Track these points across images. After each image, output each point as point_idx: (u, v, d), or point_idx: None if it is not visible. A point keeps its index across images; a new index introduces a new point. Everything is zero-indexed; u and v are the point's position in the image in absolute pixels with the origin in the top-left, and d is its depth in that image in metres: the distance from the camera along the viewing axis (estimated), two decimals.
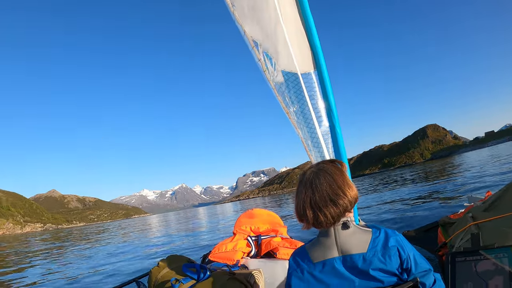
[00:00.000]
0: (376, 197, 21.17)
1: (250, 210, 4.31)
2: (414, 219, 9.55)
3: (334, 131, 3.66)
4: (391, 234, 1.77)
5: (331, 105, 3.67)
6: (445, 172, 31.17)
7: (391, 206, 14.10)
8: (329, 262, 1.77)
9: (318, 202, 1.74)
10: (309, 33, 3.85)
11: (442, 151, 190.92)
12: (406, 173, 50.01)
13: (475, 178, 18.12)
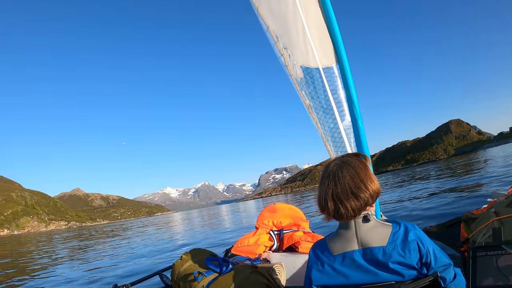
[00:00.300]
0: (400, 192, 21.02)
1: (273, 205, 4.33)
2: (437, 215, 9.47)
3: (356, 126, 3.64)
4: (411, 229, 1.78)
5: (353, 99, 3.65)
6: (469, 168, 30.71)
7: (414, 201, 13.97)
8: (348, 255, 1.79)
9: (340, 195, 1.76)
10: (330, 26, 3.84)
11: (466, 146, 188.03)
12: (430, 169, 49.47)
13: (500, 174, 17.84)
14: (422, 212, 10.67)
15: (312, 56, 3.74)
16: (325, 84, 3.69)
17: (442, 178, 25.12)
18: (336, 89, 3.74)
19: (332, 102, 3.67)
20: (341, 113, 3.71)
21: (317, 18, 3.85)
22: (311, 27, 3.79)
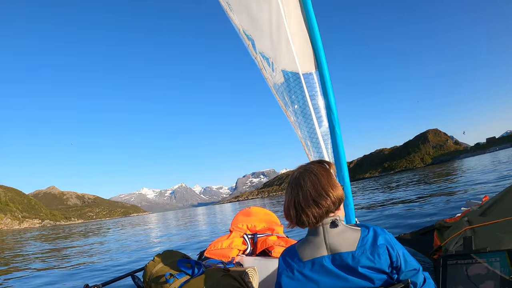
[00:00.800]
0: (376, 198, 21.25)
1: (247, 209, 4.35)
2: (412, 222, 9.62)
3: (333, 132, 3.68)
4: (380, 233, 1.80)
5: (332, 105, 3.70)
6: (445, 176, 31.25)
7: (390, 208, 14.15)
8: (318, 261, 1.80)
9: (301, 202, 1.79)
10: (311, 33, 3.88)
11: (443, 156, 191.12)
12: (406, 177, 50.13)
13: (475, 183, 18.22)
14: (395, 220, 10.82)
15: (293, 61, 3.75)
16: (305, 90, 3.72)
17: (417, 186, 25.52)
18: (315, 95, 3.77)
19: (311, 108, 3.69)
20: (319, 119, 3.74)
21: (298, 23, 3.88)
22: (293, 32, 3.81)
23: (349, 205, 3.74)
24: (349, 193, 3.72)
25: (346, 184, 3.70)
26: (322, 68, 3.81)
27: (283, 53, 3.76)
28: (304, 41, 3.90)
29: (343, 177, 3.69)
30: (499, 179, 17.54)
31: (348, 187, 3.70)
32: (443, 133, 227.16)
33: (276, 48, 3.76)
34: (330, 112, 3.69)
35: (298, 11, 3.89)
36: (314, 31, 3.87)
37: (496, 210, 3.25)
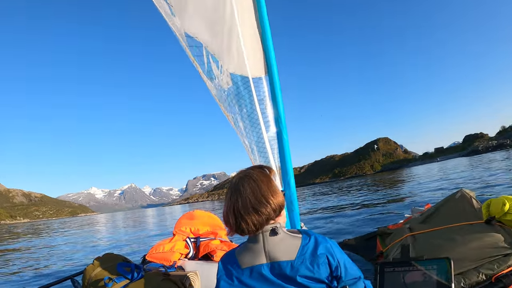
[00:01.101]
0: (325, 204, 21.55)
1: (191, 212, 4.30)
2: (358, 227, 9.80)
3: (281, 137, 3.71)
4: (321, 241, 1.76)
5: (280, 111, 3.72)
6: (392, 184, 32.19)
7: (338, 213, 14.39)
8: (256, 269, 1.75)
9: (241, 209, 1.72)
10: (263, 37, 3.90)
11: (392, 163, 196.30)
12: (356, 183, 51.15)
13: (421, 191, 18.85)
14: (342, 225, 10.99)
15: (243, 64, 3.74)
16: (253, 94, 3.71)
17: (366, 192, 26.10)
18: (264, 99, 3.77)
19: (259, 113, 3.69)
20: (267, 123, 3.74)
21: (251, 26, 3.89)
22: (245, 35, 3.81)
23: (294, 210, 3.77)
24: (295, 199, 3.74)
25: (291, 189, 3.72)
26: (272, 73, 3.83)
27: (233, 56, 3.74)
28: (256, 45, 3.90)
29: (288, 182, 3.72)
30: (444, 187, 18.23)
31: (293, 193, 3.72)
32: (393, 142, 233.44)
33: (226, 51, 3.72)
34: (278, 117, 3.71)
35: (252, 14, 3.90)
36: (266, 36, 3.89)
37: (437, 218, 3.38)
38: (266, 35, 3.90)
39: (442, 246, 2.75)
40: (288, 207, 3.76)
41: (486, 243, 2.65)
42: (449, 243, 2.76)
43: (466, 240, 2.72)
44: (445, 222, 3.12)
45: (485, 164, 33.46)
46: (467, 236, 2.77)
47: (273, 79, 3.81)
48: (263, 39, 3.91)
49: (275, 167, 3.70)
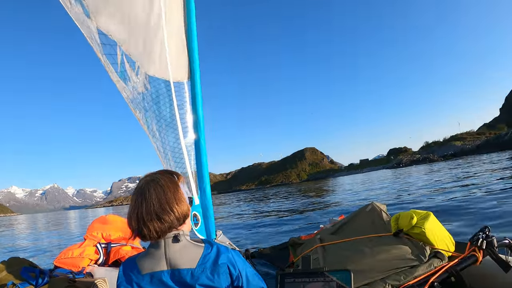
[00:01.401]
0: (247, 211, 21.66)
1: (105, 216, 4.18)
2: (278, 236, 9.90)
3: (198, 144, 3.71)
4: (223, 251, 1.77)
5: (199, 117, 3.73)
6: (317, 193, 32.97)
7: (258, 221, 14.50)
8: (157, 275, 1.74)
9: (144, 215, 1.70)
10: (190, 43, 3.89)
11: (319, 173, 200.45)
12: (282, 191, 51.86)
13: (344, 200, 19.43)
14: (262, 234, 11.07)
15: (165, 68, 3.69)
16: (173, 99, 3.68)
17: (291, 200, 26.49)
18: (184, 105, 3.76)
19: (177, 118, 3.66)
20: (185, 129, 3.73)
21: (178, 31, 3.87)
22: (171, 39, 3.78)
23: (210, 217, 3.78)
24: (210, 206, 3.75)
25: (207, 196, 3.73)
26: (195, 79, 3.83)
27: (155, 58, 3.68)
28: (180, 49, 3.89)
29: (204, 189, 3.72)
30: (364, 197, 18.93)
31: (209, 200, 3.73)
32: (320, 152, 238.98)
33: (148, 53, 3.65)
34: (197, 123, 3.72)
35: (181, 19, 3.88)
36: (193, 42, 3.89)
37: (347, 229, 3.50)
38: (193, 41, 3.90)
39: (350, 257, 2.86)
40: (203, 214, 3.77)
41: (393, 255, 2.79)
42: (358, 254, 2.88)
43: (374, 252, 2.85)
44: (354, 234, 3.24)
45: (406, 177, 35.14)
46: (375, 248, 2.89)
47: (195, 85, 3.82)
48: (189, 44, 3.91)
49: (191, 173, 3.69)
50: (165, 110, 3.67)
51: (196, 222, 3.74)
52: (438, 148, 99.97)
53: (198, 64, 3.89)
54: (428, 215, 3.03)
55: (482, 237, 2.63)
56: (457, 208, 9.81)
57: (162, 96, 3.68)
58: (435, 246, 2.86)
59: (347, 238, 3.24)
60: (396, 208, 12.12)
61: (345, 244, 3.15)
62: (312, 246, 3.35)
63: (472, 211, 9.00)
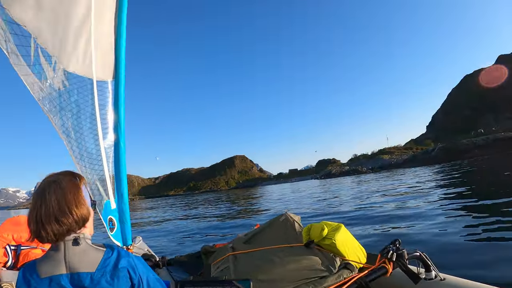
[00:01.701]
0: (172, 217, 21.43)
1: (17, 217, 3.98)
2: (198, 243, 9.85)
3: (118, 146, 3.62)
4: (124, 255, 1.77)
5: (121, 119, 3.64)
6: (245, 200, 33.16)
7: (185, 228, 14.38)
8: (55, 279, 1.69)
9: (43, 217, 1.67)
10: (118, 42, 3.79)
11: (248, 181, 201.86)
12: (210, 198, 51.81)
13: (268, 209, 19.67)
14: (186, 240, 11.00)
15: (88, 65, 3.56)
16: (95, 98, 3.56)
17: (217, 208, 26.48)
18: (105, 105, 3.63)
19: (98, 118, 3.53)
20: (105, 130, 3.61)
21: (108, 27, 3.76)
22: (99, 35, 3.66)
23: (126, 222, 3.70)
24: (127, 211, 3.67)
25: (124, 201, 3.65)
26: (120, 78, 3.74)
27: (78, 55, 3.50)
28: (108, 47, 3.77)
29: (122, 194, 3.63)
30: (287, 206, 19.23)
31: (126, 204, 3.65)
32: (249, 160, 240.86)
33: (71, 49, 3.46)
34: (118, 125, 3.62)
35: (112, 15, 3.77)
36: (121, 41, 3.80)
37: (260, 238, 3.55)
38: (121, 38, 3.80)
39: (260, 267, 2.88)
40: (119, 219, 3.69)
41: (303, 265, 2.84)
42: (268, 264, 2.90)
43: (284, 262, 2.89)
44: (267, 244, 3.29)
45: (333, 187, 36.14)
46: (285, 258, 2.94)
47: (119, 85, 3.72)
48: (117, 42, 3.80)
49: (108, 176, 3.59)
50: (84, 109, 3.50)
51: (112, 227, 3.65)
52: (366, 161, 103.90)
53: (124, 63, 3.79)
54: (339, 227, 3.14)
55: (393, 249, 2.72)
56: (372, 217, 10.23)
57: (83, 95, 3.51)
58: (346, 257, 2.96)
59: (259, 247, 3.28)
60: (319, 217, 12.45)
61: (256, 254, 3.19)
62: (224, 254, 3.37)
63: (385, 218, 9.40)
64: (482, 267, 4.73)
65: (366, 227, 9.03)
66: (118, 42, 3.79)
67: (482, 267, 4.75)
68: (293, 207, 18.26)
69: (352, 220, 10.58)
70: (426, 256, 2.83)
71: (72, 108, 3.45)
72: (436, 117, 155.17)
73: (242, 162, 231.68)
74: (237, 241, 3.67)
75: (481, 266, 4.80)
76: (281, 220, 3.67)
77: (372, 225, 9.15)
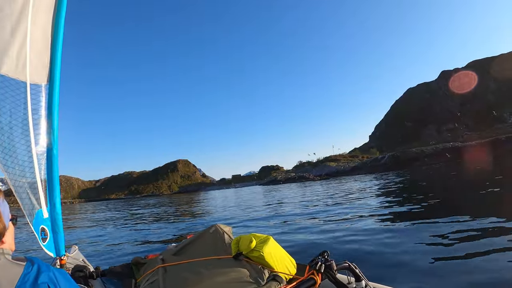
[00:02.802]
0: (110, 223, 20.99)
1: None
2: (134, 253, 9.69)
3: (51, 153, 3.54)
4: (44, 270, 1.70)
5: (54, 124, 3.55)
6: (188, 205, 32.86)
7: (118, 235, 14.11)
8: None
9: None
10: (55, 44, 3.70)
11: (190, 186, 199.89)
12: (152, 203, 51.11)
13: (209, 215, 19.58)
14: (119, 250, 10.76)
15: (22, 67, 3.45)
16: (28, 102, 3.45)
17: (157, 213, 26.07)
18: (39, 110, 3.54)
19: (30, 123, 3.44)
20: (37, 136, 3.52)
21: (44, 28, 3.66)
22: (35, 36, 3.55)
23: (59, 232, 3.62)
24: (59, 220, 3.60)
25: (57, 209, 3.57)
26: (54, 82, 3.65)
27: (12, 56, 3.39)
28: (43, 49, 3.67)
29: (54, 202, 3.55)
30: (233, 214, 19.17)
31: (58, 213, 3.57)
32: (192, 165, 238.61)
33: (3, 49, 3.36)
34: (51, 131, 3.53)
35: (49, 16, 3.67)
36: (58, 41, 3.71)
37: (190, 250, 3.55)
38: (58, 41, 3.72)
39: (189, 279, 2.89)
40: (52, 229, 3.61)
41: (231, 277, 2.88)
42: (196, 276, 2.92)
43: (212, 274, 2.91)
44: (196, 255, 3.31)
45: (277, 193, 36.45)
46: (214, 270, 2.97)
47: (54, 89, 3.64)
48: (53, 44, 3.71)
49: (40, 183, 3.49)
50: (16, 113, 3.38)
51: (45, 237, 3.56)
52: (312, 168, 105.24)
53: (60, 67, 3.70)
54: (267, 239, 3.20)
55: (321, 261, 2.79)
56: (313, 226, 10.41)
57: (14, 98, 3.39)
58: (274, 269, 3.02)
59: (188, 259, 3.29)
60: (262, 224, 12.52)
61: (185, 266, 3.20)
62: (153, 266, 3.35)
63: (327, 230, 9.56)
64: (414, 275, 4.94)
65: (309, 236, 9.15)
66: (55, 44, 3.71)
67: (415, 275, 4.96)
68: (237, 214, 18.25)
69: (290, 228, 10.69)
70: (355, 266, 2.93)
71: (2, 113, 3.31)
72: (379, 128, 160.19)
73: (185, 166, 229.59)
74: (167, 252, 3.65)
75: (414, 274, 5.01)
76: (211, 232, 3.68)
77: (312, 234, 9.29)
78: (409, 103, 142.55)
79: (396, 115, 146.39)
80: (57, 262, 3.77)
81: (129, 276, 4.26)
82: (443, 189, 18.19)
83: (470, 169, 32.94)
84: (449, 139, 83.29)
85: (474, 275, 4.66)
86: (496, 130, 78.57)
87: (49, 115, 3.57)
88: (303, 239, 8.81)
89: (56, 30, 3.72)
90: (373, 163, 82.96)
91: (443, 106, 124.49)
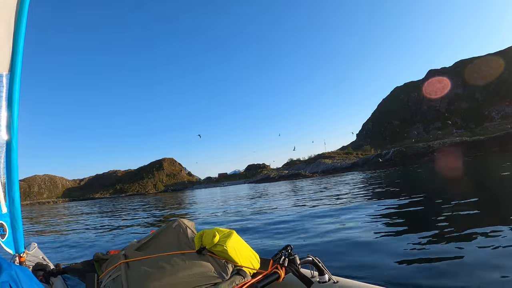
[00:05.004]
0: (88, 222, 20.84)
1: None
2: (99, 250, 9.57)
3: (10, 146, 3.42)
4: (5, 268, 1.66)
5: (14, 115, 3.44)
6: (171, 204, 32.82)
7: (87, 234, 13.98)
8: None
9: None
10: (18, 31, 3.59)
11: (176, 185, 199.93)
12: (137, 201, 51.01)
13: (193, 213, 19.49)
14: (87, 248, 10.62)
15: None
16: None
17: (142, 212, 25.96)
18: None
19: None
20: None
21: (7, 14, 3.55)
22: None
23: (18, 228, 3.54)
24: (19, 216, 3.51)
25: (16, 205, 3.48)
26: (15, 71, 3.54)
27: None
28: (4, 37, 3.56)
29: (13, 198, 3.46)
30: (214, 213, 19.14)
31: (18, 209, 3.48)
32: (178, 163, 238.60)
33: None
34: (11, 123, 3.42)
35: (13, 3, 3.56)
36: (21, 29, 3.60)
37: (153, 245, 3.49)
38: (21, 29, 3.60)
39: (151, 274, 2.83)
40: (11, 225, 3.52)
41: (195, 272, 2.83)
42: (159, 271, 2.86)
43: (175, 269, 2.86)
44: (158, 250, 3.25)
45: (264, 191, 36.46)
46: (177, 265, 2.91)
47: (15, 78, 3.52)
48: (16, 32, 3.59)
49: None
50: None
51: (3, 233, 3.46)
52: (305, 165, 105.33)
53: (22, 56, 3.59)
54: (230, 233, 3.17)
55: (285, 255, 2.82)
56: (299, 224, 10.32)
57: None
58: (238, 263, 2.99)
59: (151, 254, 3.23)
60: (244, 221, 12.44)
61: (147, 261, 3.13)
62: (116, 262, 3.29)
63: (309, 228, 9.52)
64: (373, 269, 4.90)
65: (301, 235, 9.07)
66: (17, 32, 3.59)
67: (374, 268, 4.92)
68: (230, 213, 18.20)
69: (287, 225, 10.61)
70: (318, 260, 2.94)
71: None
72: (366, 126, 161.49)
73: (170, 165, 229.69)
74: (129, 248, 3.58)
75: (373, 267, 4.96)
76: (174, 226, 3.64)
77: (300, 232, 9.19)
78: (396, 102, 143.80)
79: (383, 113, 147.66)
80: (16, 259, 3.68)
81: (91, 272, 4.18)
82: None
83: None
84: (440, 137, 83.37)
85: None
86: (486, 128, 78.81)
87: (9, 106, 3.45)
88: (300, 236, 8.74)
89: (19, 18, 3.61)
90: (367, 160, 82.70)
91: (430, 105, 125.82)
